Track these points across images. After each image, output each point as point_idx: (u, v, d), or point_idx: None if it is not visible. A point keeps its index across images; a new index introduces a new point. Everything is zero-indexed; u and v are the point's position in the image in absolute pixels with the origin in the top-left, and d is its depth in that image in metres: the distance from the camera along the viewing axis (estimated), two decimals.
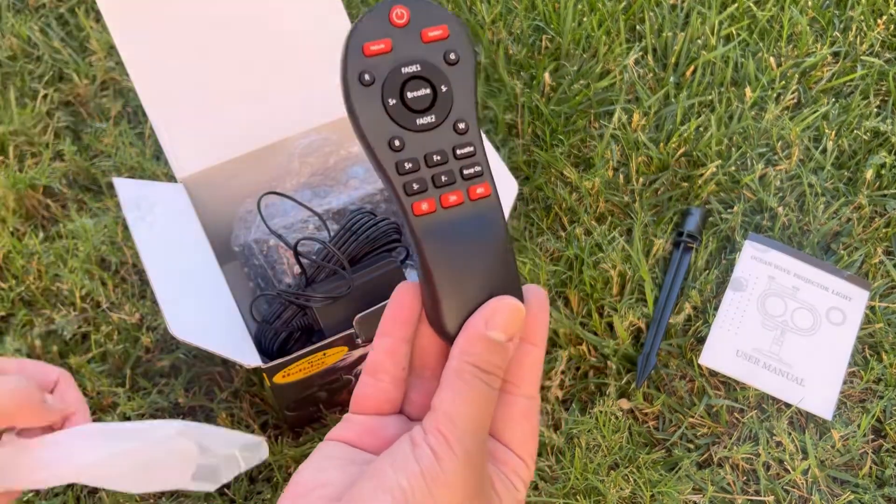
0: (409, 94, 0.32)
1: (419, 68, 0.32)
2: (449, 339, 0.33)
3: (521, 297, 0.34)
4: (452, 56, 0.32)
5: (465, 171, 0.33)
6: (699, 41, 1.02)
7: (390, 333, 0.34)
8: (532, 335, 0.34)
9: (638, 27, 1.04)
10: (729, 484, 0.76)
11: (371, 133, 0.32)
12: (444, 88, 0.32)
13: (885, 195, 0.92)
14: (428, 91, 0.32)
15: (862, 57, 1.01)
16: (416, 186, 0.32)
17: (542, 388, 0.81)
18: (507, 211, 0.69)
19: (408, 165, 0.32)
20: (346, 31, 0.32)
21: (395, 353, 0.34)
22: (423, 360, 0.35)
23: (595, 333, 0.83)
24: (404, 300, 0.34)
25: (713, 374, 0.82)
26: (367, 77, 0.31)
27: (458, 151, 0.33)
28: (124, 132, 0.97)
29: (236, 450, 0.49)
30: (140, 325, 0.84)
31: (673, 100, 0.98)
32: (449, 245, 0.32)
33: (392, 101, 0.32)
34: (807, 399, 0.80)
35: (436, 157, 0.33)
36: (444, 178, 0.33)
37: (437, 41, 0.32)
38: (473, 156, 0.33)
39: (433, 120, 0.33)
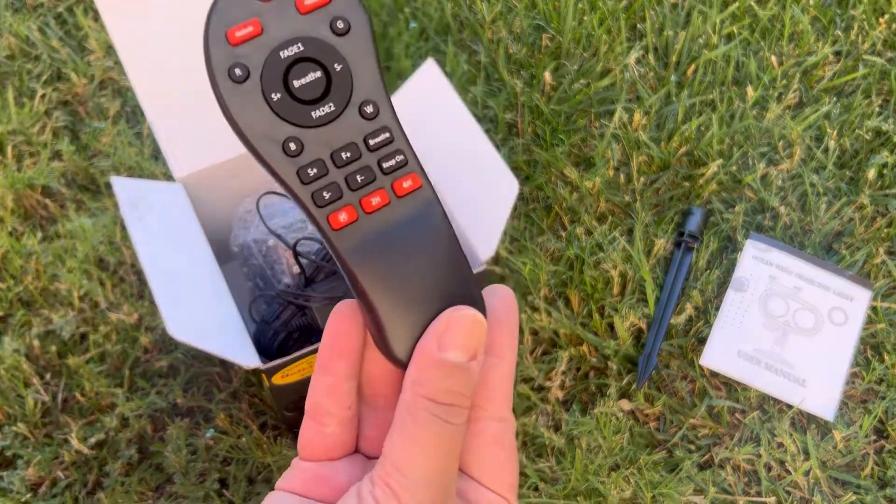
0: (297, 83, 0.26)
1: (302, 47, 0.26)
2: (402, 366, 0.27)
3: (480, 303, 0.28)
4: (341, 24, 0.26)
5: (385, 164, 0.27)
6: (700, 40, 1.02)
7: (329, 369, 0.28)
8: (498, 345, 0.28)
9: (639, 26, 1.04)
10: (730, 485, 0.76)
11: (258, 139, 0.26)
12: (338, 67, 0.26)
13: (887, 195, 0.91)
14: (319, 74, 0.26)
15: (864, 56, 1.01)
16: (327, 195, 0.26)
17: (543, 388, 0.81)
18: (507, 211, 0.68)
19: (312, 171, 0.26)
20: None
21: (338, 392, 0.28)
22: (374, 388, 0.30)
23: (596, 334, 0.83)
24: (343, 327, 0.28)
25: (714, 374, 0.81)
26: (237, 72, 0.25)
27: (372, 141, 0.27)
28: (123, 132, 0.97)
29: None
30: (138, 326, 0.84)
31: (674, 99, 0.98)
32: (382, 257, 0.27)
33: (276, 96, 0.26)
34: (808, 400, 0.79)
35: (345, 154, 0.27)
36: (360, 178, 0.27)
37: (318, 9, 0.26)
38: (391, 142, 0.27)
39: (332, 109, 0.26)
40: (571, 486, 0.75)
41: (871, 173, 0.91)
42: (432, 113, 0.77)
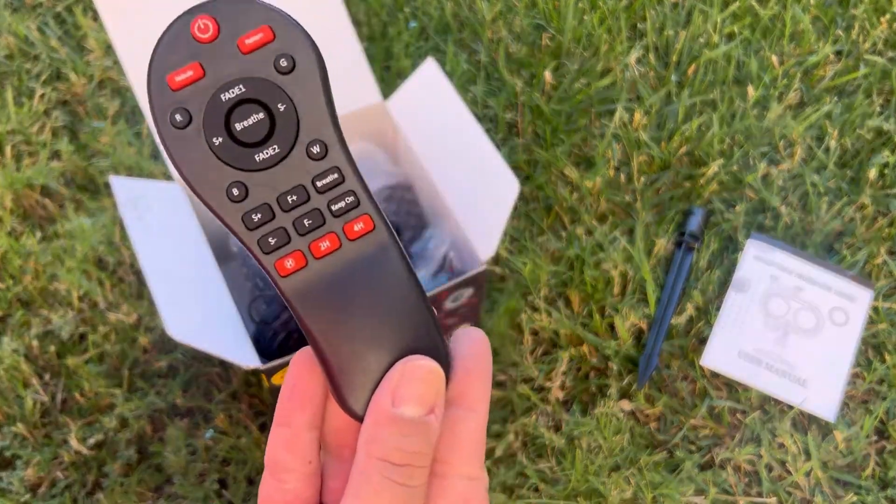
0: (238, 126, 0.25)
1: (243, 89, 0.25)
2: (360, 419, 0.26)
3: (441, 350, 0.27)
4: (284, 62, 0.25)
5: (335, 206, 0.26)
6: (701, 39, 1.01)
7: (288, 421, 0.27)
8: (468, 396, 0.26)
9: (639, 25, 1.04)
10: (731, 486, 0.76)
11: (202, 185, 0.25)
12: (281, 107, 0.25)
13: (888, 195, 0.91)
14: (262, 115, 0.25)
15: (865, 55, 1.00)
16: (273, 241, 0.26)
17: (543, 389, 0.80)
18: (507, 211, 0.68)
19: (257, 216, 0.26)
20: (344, 29, 0.27)
21: (297, 446, 0.27)
22: (338, 438, 0.28)
23: (596, 334, 0.82)
24: (302, 376, 0.27)
25: (715, 375, 0.81)
26: (178, 117, 0.25)
27: (320, 183, 0.26)
28: (122, 131, 0.96)
29: None
30: (137, 326, 0.84)
31: (675, 98, 0.97)
32: (333, 304, 0.26)
33: (218, 140, 0.25)
34: (809, 400, 0.79)
35: (291, 198, 0.26)
36: (307, 223, 0.26)
37: (261, 48, 0.25)
38: (342, 183, 0.26)
39: (277, 150, 0.25)
40: (572, 487, 0.74)
41: (873, 173, 0.91)
42: (432, 113, 0.77)
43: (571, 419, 0.78)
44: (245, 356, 0.63)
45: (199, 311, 0.66)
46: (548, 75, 0.97)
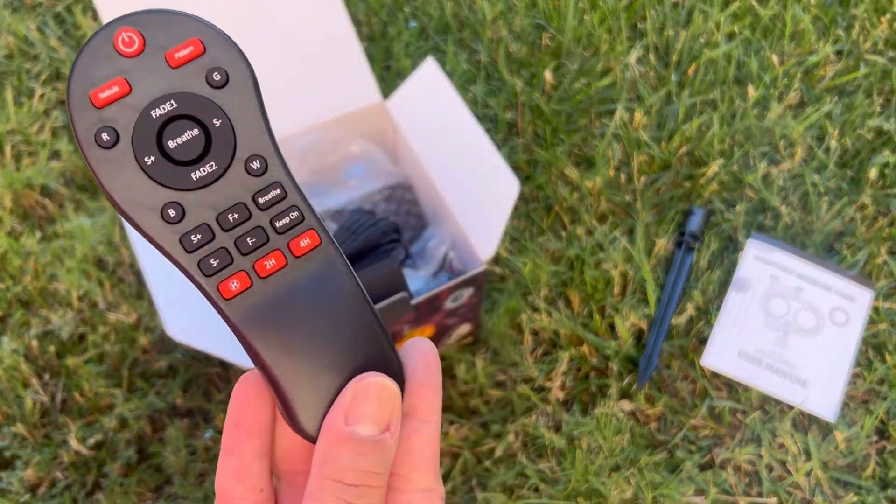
0: (171, 143, 0.24)
1: (175, 104, 0.24)
2: (314, 441, 0.26)
3: (395, 365, 0.26)
4: (217, 76, 0.24)
5: (279, 223, 0.25)
6: (701, 39, 1.01)
7: (236, 450, 0.26)
8: (421, 408, 0.26)
9: (639, 25, 1.04)
10: (731, 486, 0.76)
11: (134, 208, 0.24)
12: (217, 122, 0.24)
13: (888, 194, 0.91)
14: (196, 131, 0.24)
15: (865, 55, 1.00)
16: (214, 262, 0.25)
17: (543, 389, 0.80)
18: (507, 211, 0.68)
19: (196, 238, 0.24)
20: (345, 29, 0.26)
21: (247, 475, 0.26)
22: (291, 464, 0.27)
23: (596, 334, 0.82)
24: (247, 402, 0.26)
25: (715, 375, 0.81)
26: (105, 136, 0.23)
27: (262, 199, 0.25)
28: None
29: None
30: (137, 326, 0.84)
31: (675, 98, 0.97)
32: (282, 324, 0.25)
33: (150, 159, 0.24)
34: (810, 400, 0.79)
35: (232, 216, 0.25)
36: (251, 241, 0.25)
37: (191, 61, 0.24)
38: (284, 198, 0.25)
39: (215, 168, 0.24)
40: (572, 487, 0.74)
41: (873, 173, 0.91)
42: (432, 113, 0.77)
43: (571, 419, 0.78)
44: (245, 356, 0.63)
45: (199, 310, 0.65)
46: (548, 75, 0.97)
